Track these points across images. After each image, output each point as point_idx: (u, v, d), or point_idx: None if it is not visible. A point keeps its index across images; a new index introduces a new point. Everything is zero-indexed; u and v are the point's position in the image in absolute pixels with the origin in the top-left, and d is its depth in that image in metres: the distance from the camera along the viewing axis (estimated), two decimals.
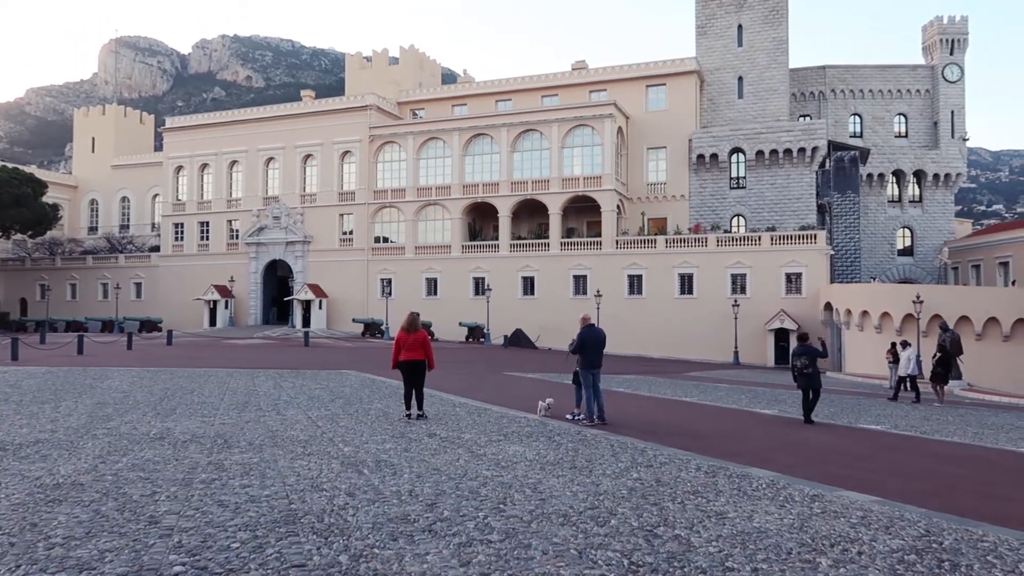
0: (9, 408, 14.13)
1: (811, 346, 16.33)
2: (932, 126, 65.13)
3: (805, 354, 15.94)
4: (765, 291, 49.48)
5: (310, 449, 10.13)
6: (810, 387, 15.71)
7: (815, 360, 15.94)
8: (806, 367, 15.75)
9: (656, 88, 58.81)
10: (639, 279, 52.66)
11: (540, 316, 53.51)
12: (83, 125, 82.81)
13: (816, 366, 15.90)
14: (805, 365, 15.76)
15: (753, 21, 59.43)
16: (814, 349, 16.28)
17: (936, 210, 64.38)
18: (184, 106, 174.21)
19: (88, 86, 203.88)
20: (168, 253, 67.91)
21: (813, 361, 15.86)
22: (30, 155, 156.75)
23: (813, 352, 16.08)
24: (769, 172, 55.76)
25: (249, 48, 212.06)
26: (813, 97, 65.92)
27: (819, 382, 15.89)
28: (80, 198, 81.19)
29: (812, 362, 15.83)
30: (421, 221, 59.50)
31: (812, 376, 15.71)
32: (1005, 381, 33.02)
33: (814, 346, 16.77)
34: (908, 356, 24.41)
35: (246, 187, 65.06)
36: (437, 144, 59.16)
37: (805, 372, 15.76)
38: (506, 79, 64.92)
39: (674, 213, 57.37)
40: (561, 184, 55.18)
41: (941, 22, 65.23)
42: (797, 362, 15.96)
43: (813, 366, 15.80)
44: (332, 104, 63.75)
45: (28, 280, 73.02)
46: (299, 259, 62.21)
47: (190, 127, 68.23)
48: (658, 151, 58.41)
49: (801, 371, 15.84)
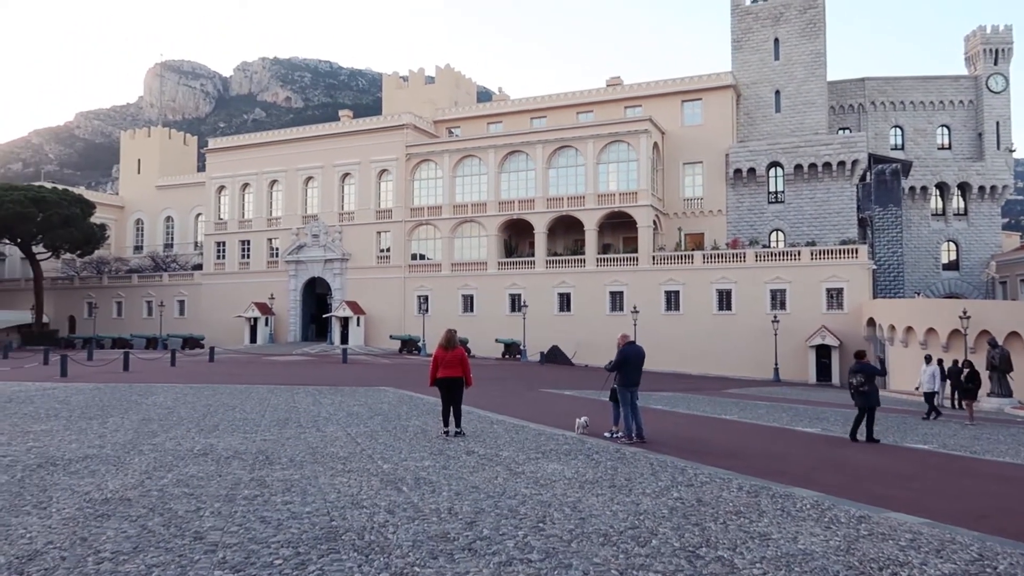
0: (59, 424, 14.49)
1: (868, 363, 16.12)
2: (976, 137, 63.74)
3: (861, 371, 15.74)
4: (805, 307, 48.67)
5: (350, 466, 10.21)
6: (867, 405, 15.48)
7: (872, 378, 15.72)
8: (862, 385, 15.56)
9: (692, 103, 58.55)
10: (676, 295, 52.22)
11: (576, 332, 53.31)
12: (129, 147, 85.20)
13: (874, 384, 15.68)
14: (861, 383, 15.58)
15: (790, 34, 58.94)
16: (871, 367, 16.07)
17: (982, 223, 62.83)
18: (226, 127, 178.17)
19: (134, 109, 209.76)
20: (210, 271, 69.27)
21: (870, 379, 15.64)
22: (79, 176, 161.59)
23: (870, 369, 15.87)
24: (808, 186, 55.03)
25: (288, 70, 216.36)
26: (852, 110, 65.01)
27: (876, 400, 15.65)
28: (126, 218, 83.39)
29: (868, 380, 15.61)
30: (457, 238, 59.84)
31: (869, 394, 15.48)
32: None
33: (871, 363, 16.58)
34: (932, 372, 23.71)
35: (286, 206, 66.17)
36: (473, 161, 59.58)
37: (861, 390, 15.55)
38: (541, 96, 65.22)
39: (711, 228, 56.88)
40: (597, 200, 55.11)
41: (984, 32, 63.97)
42: (853, 380, 15.80)
43: (870, 384, 15.57)
44: (369, 123, 64.66)
45: (76, 298, 75.02)
46: (337, 276, 62.96)
47: (232, 148, 69.73)
48: (694, 166, 58.06)
49: (857, 389, 15.65)
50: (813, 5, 58.54)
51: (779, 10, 59.26)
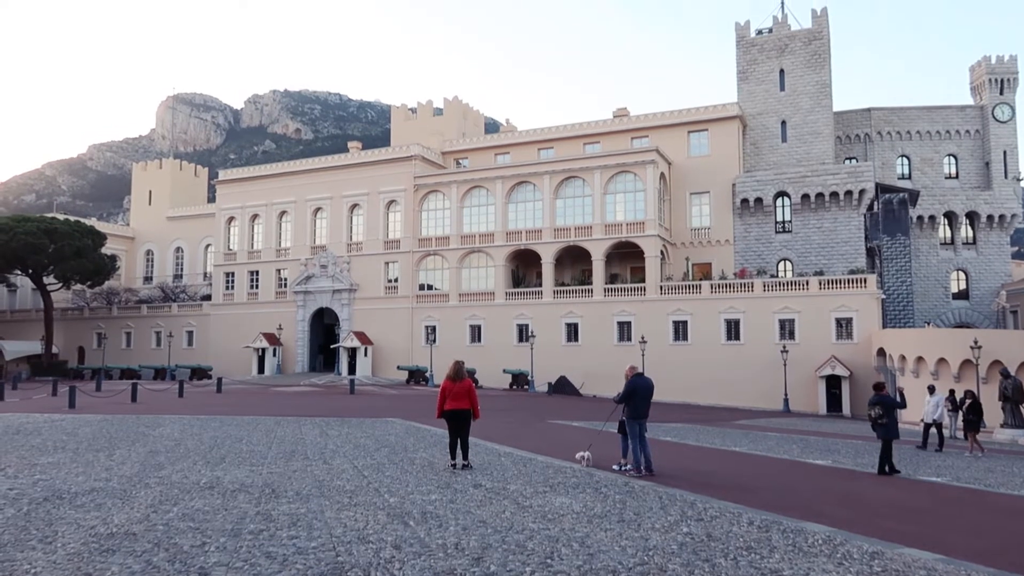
0: (66, 456, 14.47)
1: (886, 395, 16.05)
2: (984, 166, 63.79)
3: (880, 403, 15.67)
4: (815, 337, 48.40)
5: (356, 499, 10.14)
6: (887, 437, 15.37)
7: (891, 410, 15.62)
8: (880, 417, 15.47)
9: (698, 133, 58.91)
10: (684, 325, 52.04)
11: (584, 363, 53.11)
12: (141, 179, 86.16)
13: (893, 416, 15.57)
14: (880, 415, 15.49)
15: (795, 66, 59.40)
16: (889, 398, 15.98)
17: (991, 252, 62.61)
18: (236, 159, 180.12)
19: (146, 141, 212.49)
20: (219, 302, 69.54)
21: (888, 411, 15.54)
22: (91, 208, 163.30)
23: (889, 401, 15.78)
24: (815, 216, 55.07)
25: (299, 102, 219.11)
26: (859, 140, 65.24)
27: (896, 432, 15.53)
28: (137, 249, 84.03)
29: (887, 412, 15.51)
30: (465, 268, 59.98)
31: (887, 426, 15.38)
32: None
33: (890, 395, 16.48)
34: (936, 402, 23.36)
35: (294, 236, 66.58)
36: (480, 192, 59.92)
37: (880, 422, 15.46)
38: (548, 127, 65.72)
39: (719, 258, 56.85)
40: (604, 230, 55.24)
41: (989, 62, 64.33)
42: (872, 412, 15.70)
43: (888, 416, 15.47)
44: (378, 155, 65.24)
45: (86, 329, 75.33)
46: (345, 307, 63.09)
47: (241, 179, 70.40)
48: (701, 196, 58.21)
49: (876, 421, 15.56)
50: (818, 37, 59.08)
51: (784, 42, 59.81)
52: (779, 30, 60.34)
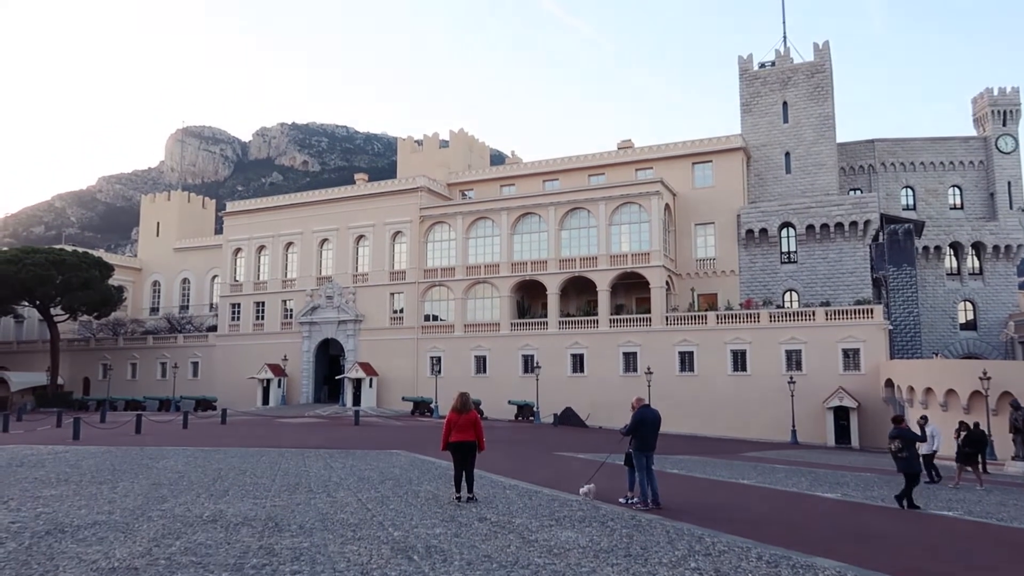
0: (69, 489, 14.40)
1: (906, 428, 15.99)
2: (988, 197, 63.87)
3: (900, 436, 15.59)
4: (822, 367, 48.13)
5: (360, 533, 10.04)
6: (908, 471, 15.26)
7: (911, 443, 15.53)
8: (900, 451, 15.39)
9: (703, 165, 59.22)
10: (690, 356, 51.83)
11: (590, 394, 52.84)
12: (149, 210, 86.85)
13: (913, 449, 15.46)
14: (899, 448, 15.41)
15: (798, 98, 59.87)
16: (909, 432, 15.91)
17: (998, 282, 62.41)
18: (244, 190, 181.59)
19: (155, 173, 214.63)
20: (225, 333, 69.62)
21: (908, 444, 15.44)
22: (99, 239, 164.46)
23: (908, 435, 15.70)
24: (821, 246, 55.09)
25: (306, 135, 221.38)
26: (863, 171, 65.48)
27: (916, 466, 15.41)
28: (144, 280, 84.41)
29: (907, 445, 15.41)
30: (470, 299, 60.03)
31: (908, 459, 15.29)
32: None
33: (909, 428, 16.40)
34: (931, 432, 22.92)
35: (301, 268, 66.86)
36: (486, 223, 60.18)
37: (900, 456, 15.37)
38: (553, 159, 66.19)
39: (724, 289, 56.79)
40: (609, 261, 55.31)
41: (991, 94, 64.74)
42: (892, 445, 15.64)
43: (908, 449, 15.37)
44: (384, 187, 65.72)
45: (92, 360, 75.41)
46: (350, 338, 63.09)
47: (249, 211, 70.91)
48: (706, 227, 58.35)
49: (896, 454, 15.48)
50: (820, 70, 59.63)
51: (787, 75, 60.37)
52: (781, 63, 60.94)
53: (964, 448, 22.30)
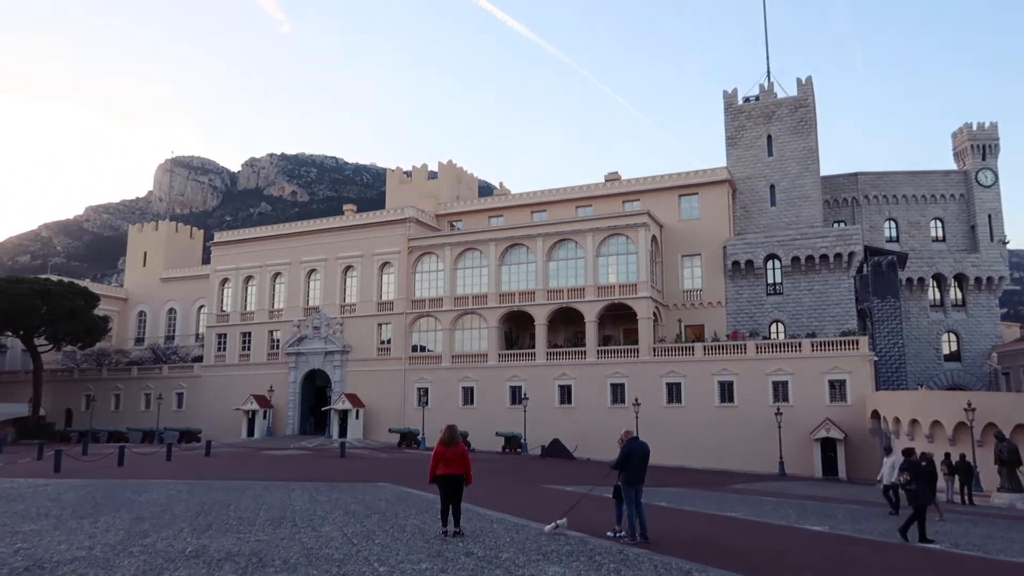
0: (49, 523, 14.18)
1: (915, 461, 16.08)
2: (970, 230, 64.75)
3: (909, 469, 15.69)
4: (808, 399, 48.26)
5: (345, 569, 9.95)
6: (916, 504, 15.33)
7: (920, 476, 15.59)
8: (908, 483, 15.47)
9: (689, 197, 59.79)
10: (678, 387, 51.86)
11: (577, 425, 52.65)
12: (136, 240, 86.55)
13: (922, 482, 15.51)
14: (907, 481, 15.50)
15: (782, 132, 60.73)
16: (918, 464, 15.98)
17: (981, 314, 63.04)
18: (232, 220, 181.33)
19: (143, 203, 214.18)
20: (210, 363, 69.10)
21: (916, 477, 15.50)
22: (85, 269, 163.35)
23: (917, 467, 15.78)
24: (806, 278, 55.52)
25: (295, 165, 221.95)
26: (846, 203, 66.30)
27: (926, 498, 15.45)
28: (129, 310, 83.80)
29: (915, 477, 15.48)
30: (458, 330, 59.96)
31: (916, 492, 15.35)
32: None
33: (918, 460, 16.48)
34: (892, 463, 22.88)
35: (288, 298, 66.67)
36: (474, 254, 60.36)
37: (909, 488, 15.46)
38: (541, 191, 66.67)
39: (711, 320, 57.02)
40: (596, 292, 55.51)
41: (971, 129, 65.95)
42: (901, 477, 15.73)
43: (917, 482, 15.42)
44: (372, 217, 65.91)
45: (75, 391, 74.53)
46: (337, 368, 62.76)
47: (237, 241, 70.83)
48: (693, 258, 58.74)
49: (904, 487, 15.57)
50: (803, 104, 60.60)
51: (771, 109, 61.30)
52: (766, 98, 61.91)
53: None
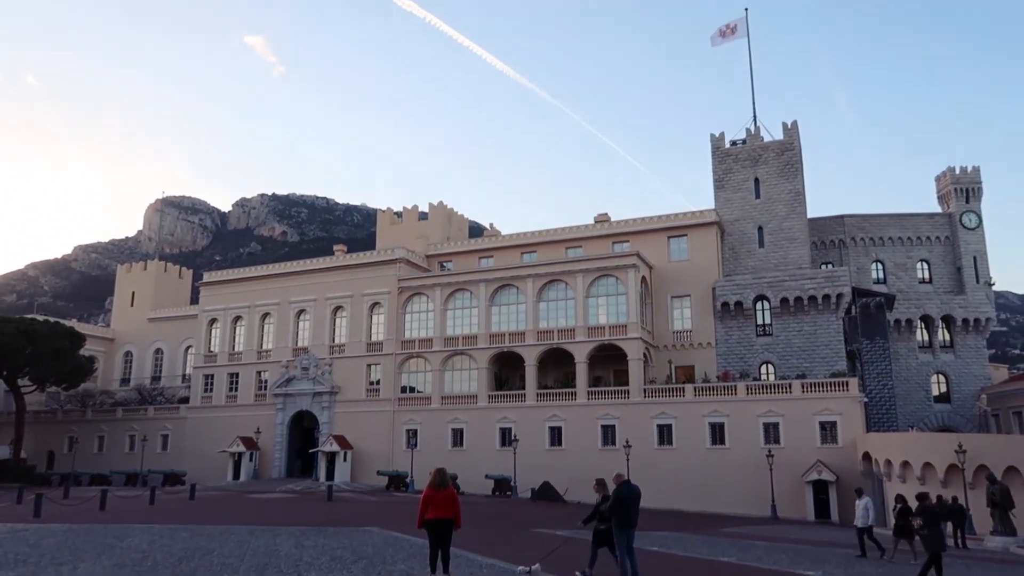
0: (27, 570, 13.85)
1: (930, 505, 16.03)
2: (956, 271, 65.39)
3: (923, 514, 15.60)
4: (800, 440, 48.06)
5: None
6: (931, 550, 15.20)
7: (935, 521, 15.47)
8: (922, 528, 15.37)
9: (678, 239, 60.21)
10: (669, 429, 51.59)
11: (568, 468, 52.13)
12: (125, 280, 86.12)
13: (937, 527, 15.39)
14: (921, 526, 15.41)
15: (769, 175, 61.51)
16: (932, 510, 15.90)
17: (969, 355, 63.30)
18: (221, 260, 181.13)
19: (132, 242, 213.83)
20: (196, 404, 68.34)
21: (932, 522, 15.38)
22: (72, 308, 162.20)
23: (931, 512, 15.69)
24: (795, 319, 55.72)
25: (286, 205, 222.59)
26: (834, 245, 66.94)
27: (941, 545, 15.33)
28: (116, 350, 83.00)
29: (929, 523, 15.36)
30: (447, 371, 59.66)
31: (931, 538, 15.24)
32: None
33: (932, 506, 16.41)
34: (864, 505, 22.67)
35: (277, 339, 66.28)
36: (464, 295, 60.36)
37: (922, 533, 15.36)
38: (531, 232, 67.00)
39: (701, 361, 56.98)
40: (587, 333, 55.50)
41: (954, 172, 67.06)
42: (915, 522, 15.65)
43: (932, 527, 15.30)
44: (363, 258, 65.97)
45: (57, 432, 73.35)
46: (325, 410, 62.16)
47: (226, 281, 70.62)
48: (682, 299, 58.92)
49: (918, 531, 15.48)
50: (789, 148, 61.55)
51: (757, 152, 62.20)
52: (752, 141, 62.87)
53: (898, 521, 21.93)
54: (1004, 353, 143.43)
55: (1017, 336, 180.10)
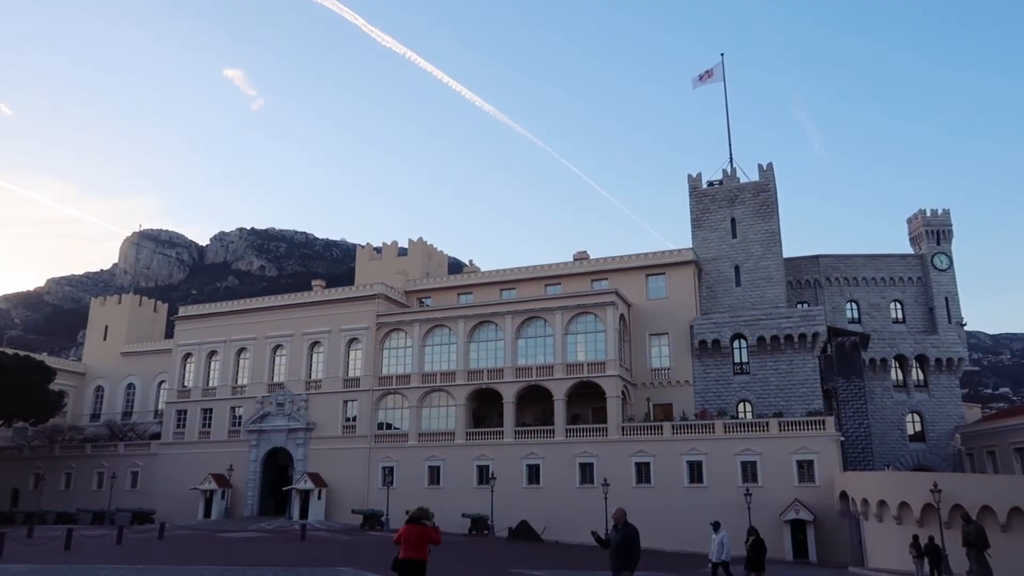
0: None
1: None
2: (928, 312, 66.33)
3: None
4: (777, 479, 48.04)
5: None
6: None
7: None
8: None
9: (656, 277, 60.67)
10: (647, 467, 51.40)
11: (546, 506, 51.67)
12: (98, 313, 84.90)
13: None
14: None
15: (745, 215, 62.41)
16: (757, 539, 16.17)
17: (943, 395, 63.96)
18: (198, 294, 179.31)
19: (107, 276, 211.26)
20: (168, 440, 67.07)
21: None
22: (42, 342, 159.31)
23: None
24: (772, 358, 56.10)
25: (264, 240, 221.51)
26: (809, 285, 67.77)
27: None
28: (87, 385, 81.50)
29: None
30: (425, 407, 59.20)
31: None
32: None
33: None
34: (720, 540, 22.63)
35: (252, 374, 65.48)
36: (443, 331, 60.19)
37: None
38: (510, 269, 67.19)
39: (679, 399, 57.04)
40: (565, 370, 55.45)
41: (925, 215, 68.44)
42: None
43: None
44: (341, 293, 65.69)
45: (24, 469, 71.50)
46: (300, 447, 61.27)
47: (201, 315, 69.87)
48: (660, 337, 59.18)
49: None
50: (765, 189, 62.59)
51: (734, 193, 63.17)
52: (729, 182, 63.88)
53: (750, 554, 21.85)
54: (977, 392, 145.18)
55: (989, 376, 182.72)
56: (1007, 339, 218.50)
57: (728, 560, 21.97)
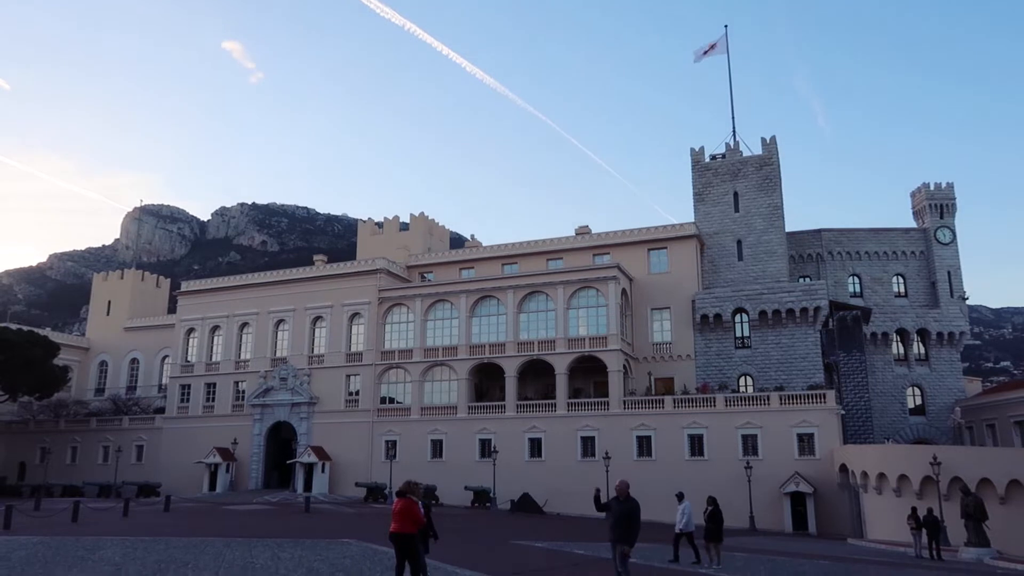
0: None
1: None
2: (930, 286, 66.24)
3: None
4: (777, 452, 48.33)
5: None
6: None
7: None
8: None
9: (658, 251, 60.54)
10: (648, 440, 51.70)
11: (547, 479, 52.08)
12: (101, 289, 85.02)
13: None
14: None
15: (748, 189, 62.09)
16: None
17: (944, 368, 64.09)
18: (200, 269, 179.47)
19: (109, 251, 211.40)
20: (173, 415, 67.52)
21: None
22: (46, 317, 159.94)
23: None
24: (773, 332, 56.15)
25: (266, 215, 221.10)
26: (811, 259, 67.62)
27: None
28: (90, 360, 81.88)
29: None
30: (427, 382, 59.45)
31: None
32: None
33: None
34: (683, 510, 22.68)
35: (255, 349, 65.70)
36: (445, 306, 60.25)
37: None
38: (512, 243, 67.03)
39: (680, 373, 57.22)
40: (567, 344, 55.55)
41: (928, 188, 68.06)
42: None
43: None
44: (343, 268, 65.67)
45: (29, 443, 72.14)
46: (304, 421, 61.66)
47: (204, 291, 69.95)
48: (662, 311, 59.19)
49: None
50: (768, 163, 62.19)
51: (737, 167, 62.79)
52: (731, 156, 63.45)
53: (708, 524, 21.93)
54: (978, 366, 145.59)
55: (990, 349, 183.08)
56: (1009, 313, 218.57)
57: (691, 531, 22.14)
